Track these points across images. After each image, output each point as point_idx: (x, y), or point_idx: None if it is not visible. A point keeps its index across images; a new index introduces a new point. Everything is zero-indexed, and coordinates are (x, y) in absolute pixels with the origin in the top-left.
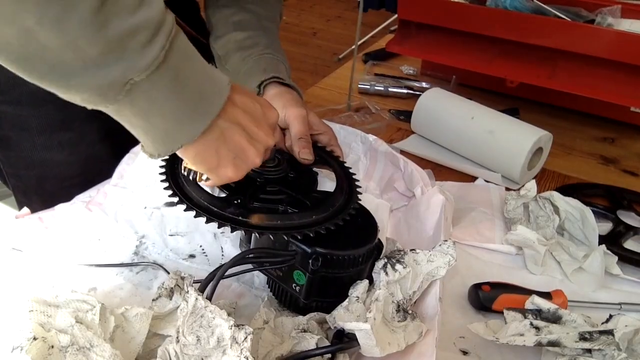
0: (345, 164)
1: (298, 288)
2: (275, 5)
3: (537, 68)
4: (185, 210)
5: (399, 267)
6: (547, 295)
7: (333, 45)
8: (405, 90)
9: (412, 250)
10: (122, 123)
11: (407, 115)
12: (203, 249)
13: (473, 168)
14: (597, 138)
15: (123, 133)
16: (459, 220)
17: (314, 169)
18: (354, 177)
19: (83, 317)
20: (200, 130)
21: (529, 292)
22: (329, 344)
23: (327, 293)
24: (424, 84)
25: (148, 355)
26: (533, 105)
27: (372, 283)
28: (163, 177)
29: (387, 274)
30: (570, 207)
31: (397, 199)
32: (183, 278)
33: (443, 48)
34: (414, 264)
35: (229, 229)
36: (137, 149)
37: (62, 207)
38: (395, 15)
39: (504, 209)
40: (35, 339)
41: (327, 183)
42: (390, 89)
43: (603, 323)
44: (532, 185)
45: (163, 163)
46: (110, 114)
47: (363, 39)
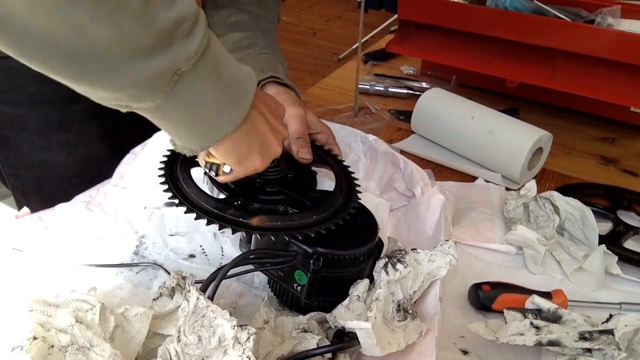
0: (344, 163)
1: (299, 288)
2: (273, 6)
3: (537, 68)
4: (186, 213)
5: (400, 266)
6: (547, 295)
7: (333, 46)
8: (405, 91)
9: (413, 250)
10: (159, 124)
11: (407, 115)
12: (203, 249)
13: (473, 168)
14: (597, 138)
15: (121, 133)
16: (459, 220)
17: (313, 169)
18: (353, 176)
19: (83, 316)
20: (242, 117)
21: (529, 291)
22: (330, 344)
23: (328, 292)
24: (424, 84)
25: (148, 355)
26: (533, 105)
27: (372, 282)
28: (162, 179)
29: (387, 274)
30: (571, 207)
31: (397, 199)
32: (184, 278)
33: (443, 48)
34: (415, 264)
35: (230, 231)
36: (137, 150)
37: (62, 207)
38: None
39: (504, 209)
40: (35, 339)
41: (326, 182)
42: (390, 89)
43: (603, 323)
44: (532, 185)
45: (162, 165)
46: (149, 115)
47: (363, 39)
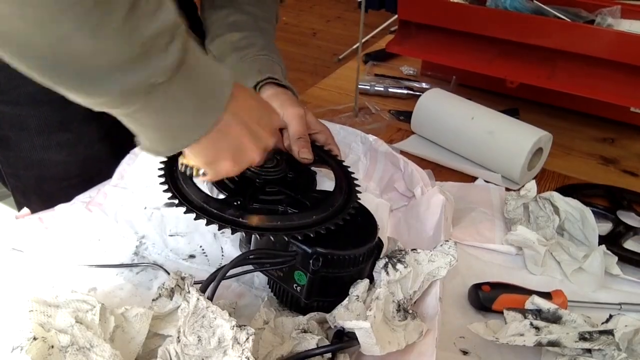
0: (344, 163)
1: (299, 288)
2: (272, 6)
3: (537, 68)
4: (186, 213)
5: (400, 266)
6: (547, 296)
7: (333, 46)
8: (405, 91)
9: (413, 250)
10: (128, 124)
11: (407, 116)
12: (203, 249)
13: (473, 168)
14: (597, 138)
15: (121, 133)
16: (459, 221)
17: (313, 169)
18: (353, 175)
19: (83, 317)
20: (212, 123)
21: (529, 292)
22: (329, 344)
23: (328, 293)
24: (424, 85)
25: (148, 356)
26: (533, 106)
27: (372, 282)
28: (162, 179)
29: (388, 274)
30: (570, 207)
31: (397, 199)
32: (184, 278)
33: (443, 48)
34: (415, 264)
35: (230, 231)
36: (137, 150)
37: (62, 207)
38: (395, 16)
39: (504, 209)
40: (35, 339)
41: (326, 182)
42: (390, 90)
43: (603, 323)
44: (532, 186)
45: (162, 165)
46: (120, 117)
47: (363, 40)
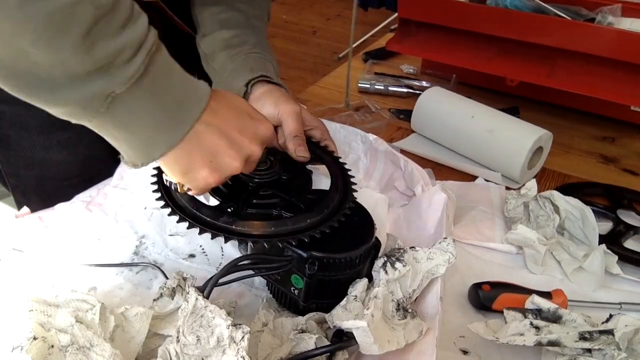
0: (340, 160)
1: (297, 291)
2: (263, 4)
3: (537, 67)
4: (178, 222)
5: (399, 265)
6: (547, 295)
7: (333, 44)
8: (406, 89)
9: (411, 248)
10: (104, 136)
11: (407, 114)
12: (203, 249)
13: (473, 167)
14: (597, 137)
15: None
16: (459, 219)
17: (308, 167)
18: (349, 173)
19: (83, 316)
20: (178, 138)
21: (529, 291)
22: (328, 344)
23: (326, 295)
24: (424, 83)
25: (148, 355)
26: (533, 104)
27: (371, 281)
28: (155, 187)
29: (386, 273)
30: (571, 206)
31: (397, 198)
32: (185, 279)
33: (443, 47)
34: (414, 262)
35: (223, 239)
36: None
37: (62, 206)
38: (396, 14)
39: (504, 208)
40: (35, 339)
41: (322, 180)
42: (390, 88)
43: (603, 323)
44: (532, 185)
45: (155, 172)
46: (94, 129)
47: (363, 38)
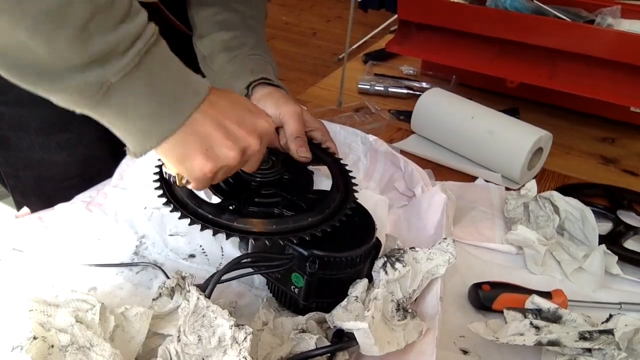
0: (341, 161)
1: (297, 290)
2: (260, 4)
3: (537, 68)
4: (180, 218)
5: (399, 265)
6: (547, 295)
7: (333, 46)
8: (405, 91)
9: (411, 249)
10: (107, 126)
11: (407, 116)
12: (203, 249)
13: (473, 168)
14: (597, 138)
15: None
16: (459, 220)
17: (310, 168)
18: (350, 174)
19: (83, 316)
20: (173, 129)
21: (529, 291)
22: (329, 344)
23: (326, 294)
24: (424, 84)
25: (148, 355)
26: (533, 105)
27: (371, 282)
28: (157, 184)
29: (386, 273)
30: (570, 207)
31: (397, 199)
32: (184, 278)
33: (443, 48)
34: (414, 263)
35: (224, 236)
36: None
37: (62, 206)
38: (395, 16)
39: (504, 209)
40: (35, 339)
41: (323, 181)
42: (390, 89)
43: (603, 323)
44: (532, 185)
45: (157, 169)
46: (97, 118)
47: (363, 39)
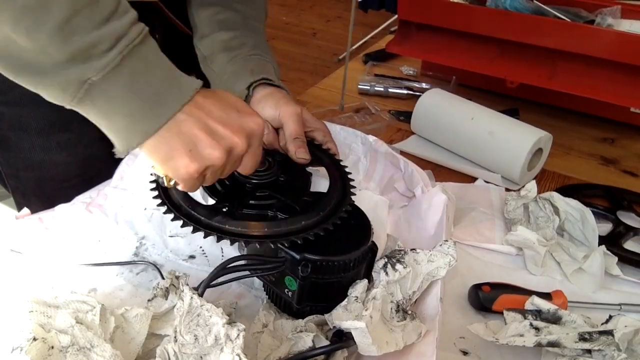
0: (341, 162)
1: (290, 293)
2: (260, 4)
3: (537, 68)
4: (173, 220)
5: (399, 266)
6: (547, 296)
7: (333, 46)
8: (405, 91)
9: (412, 250)
10: (94, 122)
11: (407, 116)
12: (203, 250)
13: (473, 169)
14: (597, 138)
15: None
16: (459, 220)
17: (309, 169)
18: (349, 176)
19: (83, 317)
20: (155, 129)
21: (529, 292)
22: (328, 343)
23: (320, 298)
24: (424, 85)
25: (146, 356)
26: (533, 106)
27: (371, 282)
28: (153, 185)
29: (387, 274)
30: (570, 207)
31: (397, 200)
32: (178, 277)
33: (443, 48)
34: (414, 264)
35: (215, 239)
36: (137, 150)
37: (62, 207)
38: (396, 16)
39: (504, 210)
40: (35, 340)
41: (322, 183)
42: (390, 90)
43: (603, 324)
44: (532, 186)
45: (153, 170)
46: (83, 114)
47: (363, 40)
